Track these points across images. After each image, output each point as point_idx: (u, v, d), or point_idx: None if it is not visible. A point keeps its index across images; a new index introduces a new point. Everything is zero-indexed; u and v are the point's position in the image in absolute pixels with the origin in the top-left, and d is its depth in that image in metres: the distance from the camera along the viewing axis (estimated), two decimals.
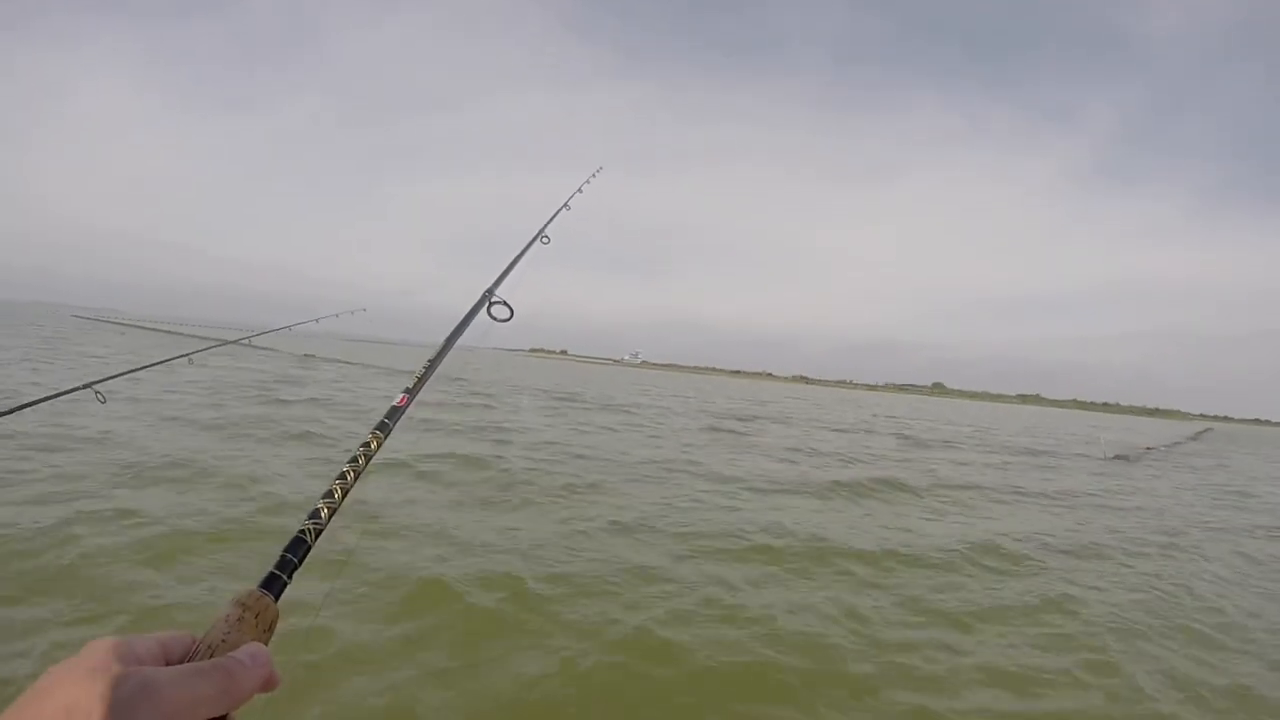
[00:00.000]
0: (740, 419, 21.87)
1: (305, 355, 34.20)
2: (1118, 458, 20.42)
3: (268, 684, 0.53)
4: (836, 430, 21.26)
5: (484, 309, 1.30)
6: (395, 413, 0.96)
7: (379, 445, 0.88)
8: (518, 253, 1.56)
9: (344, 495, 0.76)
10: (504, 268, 1.46)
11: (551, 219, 1.84)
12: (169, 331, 51.00)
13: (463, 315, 1.26)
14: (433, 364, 1.11)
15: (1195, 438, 42.60)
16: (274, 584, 0.62)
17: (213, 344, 4.58)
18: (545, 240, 1.74)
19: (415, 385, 1.04)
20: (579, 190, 2.11)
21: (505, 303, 1.32)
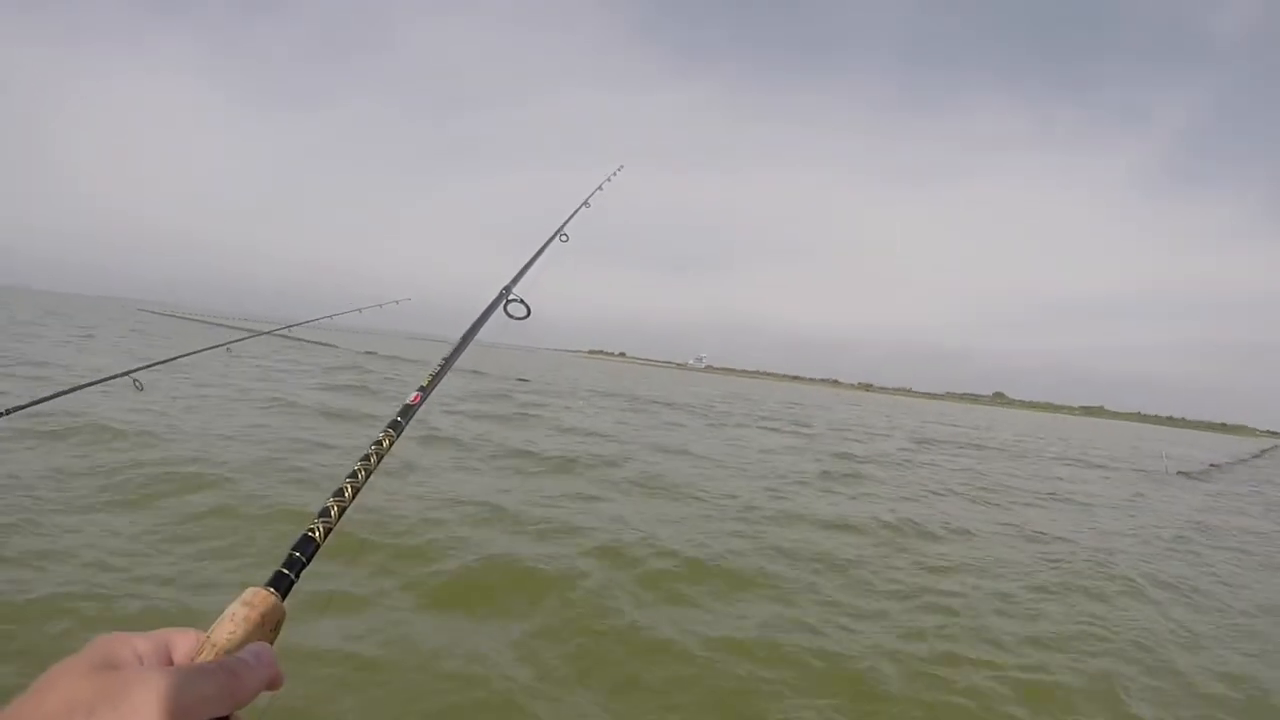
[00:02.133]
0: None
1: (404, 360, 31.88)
2: (1180, 474, 19.89)
3: (272, 683, 0.53)
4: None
5: (501, 307, 1.30)
6: (408, 411, 0.96)
7: (391, 444, 0.87)
8: (535, 251, 1.56)
9: (355, 494, 0.75)
10: (521, 265, 1.46)
11: (571, 216, 1.83)
12: (214, 324, 52.43)
13: (479, 312, 1.26)
14: (448, 361, 1.10)
15: (1261, 454, 40.74)
16: (281, 582, 0.61)
17: (250, 334, 4.67)
18: (564, 238, 1.72)
19: (430, 383, 1.04)
20: (599, 188, 2.09)
21: (522, 300, 1.31)
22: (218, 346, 4.20)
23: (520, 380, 27.57)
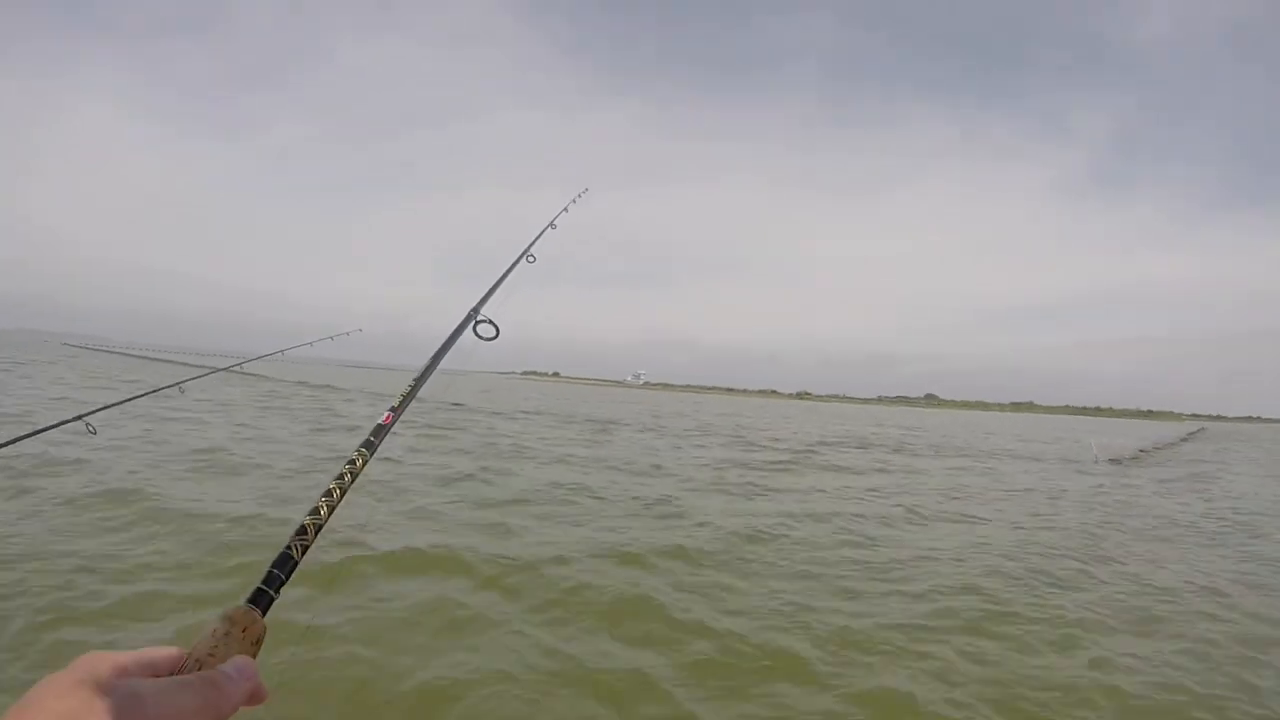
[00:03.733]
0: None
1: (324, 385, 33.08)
2: (1110, 461, 20.41)
3: (254, 697, 0.54)
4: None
5: (470, 328, 1.31)
6: (381, 431, 0.98)
7: (365, 463, 0.89)
8: (503, 272, 1.57)
9: (330, 512, 0.77)
10: (489, 287, 1.47)
11: (537, 238, 1.85)
12: (156, 359, 50.61)
13: (447, 335, 1.27)
14: (418, 383, 1.14)
15: (1187, 438, 42.89)
16: (261, 599, 0.63)
17: (206, 371, 4.57)
18: (531, 259, 1.74)
19: (400, 404, 1.07)
20: (564, 210, 2.12)
21: (491, 321, 1.33)
22: (170, 386, 4.15)
23: (455, 405, 27.40)
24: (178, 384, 4.26)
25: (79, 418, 3.09)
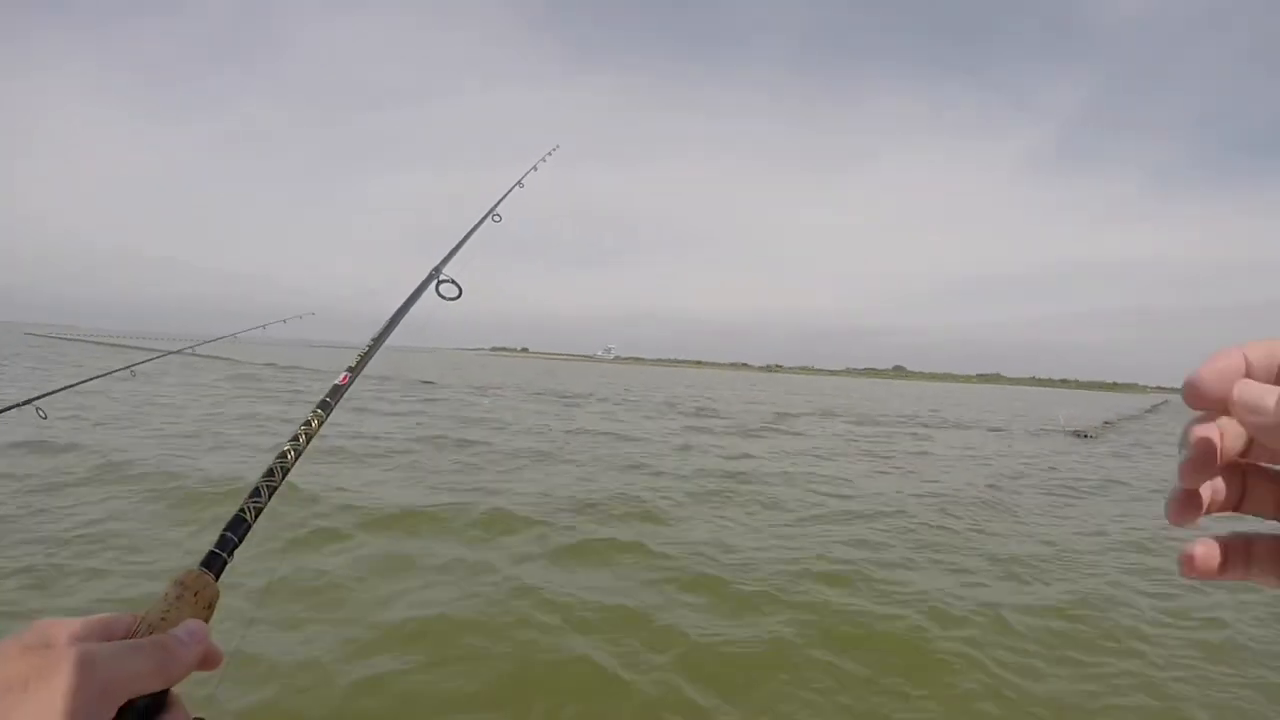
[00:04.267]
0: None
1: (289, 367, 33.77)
2: (1076, 434, 20.86)
3: (207, 660, 0.53)
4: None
5: (432, 287, 1.25)
6: (337, 391, 0.94)
7: (320, 424, 0.87)
8: (467, 231, 1.51)
9: (284, 475, 0.76)
10: (452, 246, 1.41)
11: (504, 196, 1.78)
12: (116, 345, 49.57)
13: (408, 294, 1.21)
14: (377, 341, 1.10)
15: (1153, 410, 44.42)
16: (214, 562, 0.62)
17: (156, 354, 4.46)
18: (497, 218, 1.68)
19: (358, 364, 1.03)
20: (534, 168, 2.05)
21: (454, 281, 1.26)
22: (121, 369, 4.06)
23: (425, 382, 28.12)
24: (128, 367, 4.17)
25: (28, 402, 3.01)
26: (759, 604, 4.71)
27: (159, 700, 0.49)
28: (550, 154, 2.20)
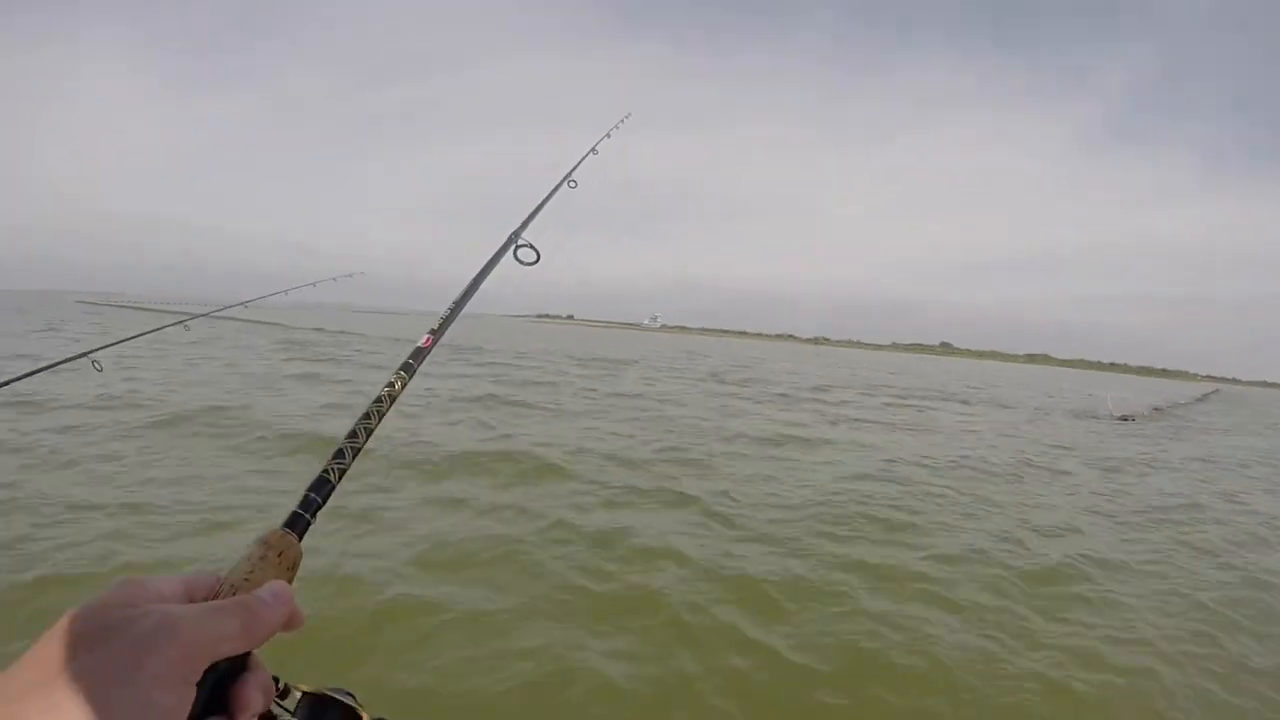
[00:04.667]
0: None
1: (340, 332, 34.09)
2: (1122, 418, 20.24)
3: (290, 622, 0.52)
4: None
5: (510, 252, 1.24)
6: (420, 354, 0.94)
7: (403, 386, 0.87)
8: (544, 196, 1.50)
9: (368, 436, 0.75)
10: (529, 211, 1.39)
11: (579, 163, 1.78)
12: (163, 310, 51.43)
13: (487, 259, 1.20)
14: (458, 305, 1.09)
15: (1202, 399, 42.89)
16: (298, 523, 0.61)
17: (213, 310, 4.54)
18: (573, 184, 1.67)
19: (440, 326, 1.02)
20: (607, 135, 2.06)
21: (532, 245, 1.25)
22: (175, 324, 4.14)
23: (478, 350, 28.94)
24: (181, 321, 4.28)
25: (84, 354, 3.09)
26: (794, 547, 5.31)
27: (240, 662, 0.49)
28: (623, 121, 2.21)
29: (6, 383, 2.71)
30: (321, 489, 0.65)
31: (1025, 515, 6.90)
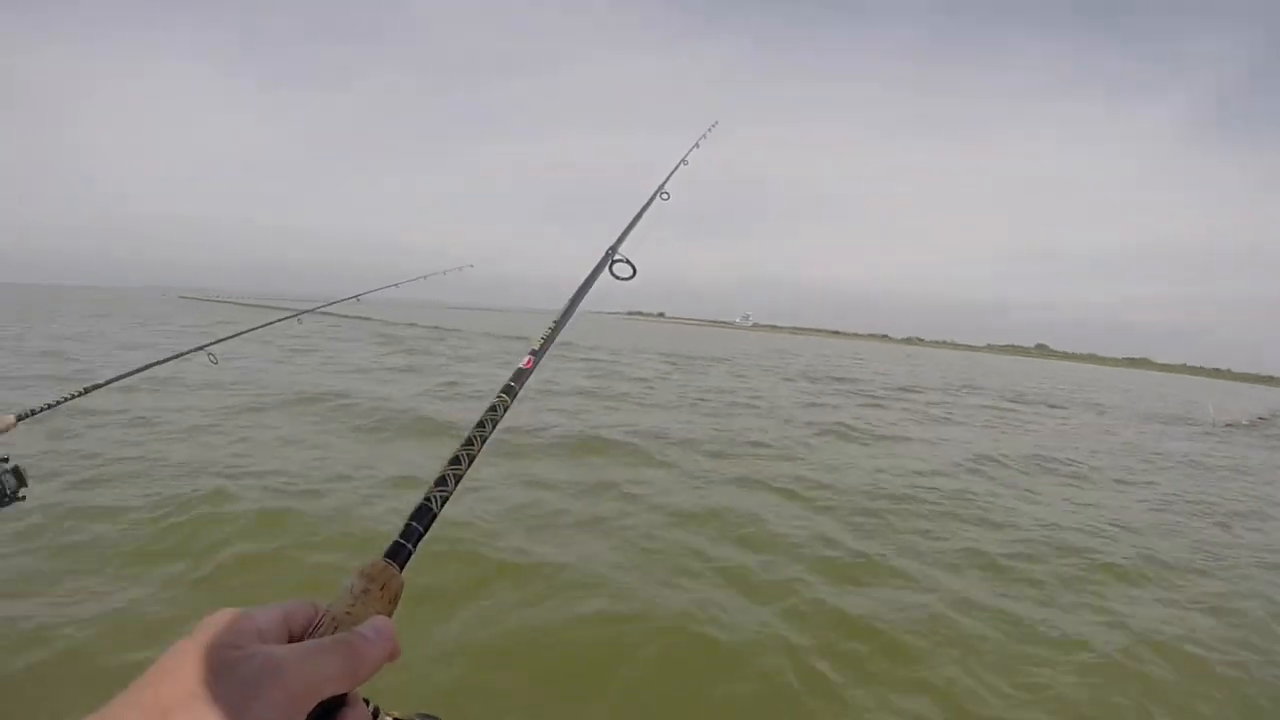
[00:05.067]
0: None
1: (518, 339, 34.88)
2: (1226, 426, 19.20)
3: (391, 656, 0.52)
4: None
5: (607, 269, 1.26)
6: (521, 375, 0.93)
7: (505, 410, 0.85)
8: (637, 210, 1.53)
9: (470, 463, 0.73)
10: (624, 226, 1.43)
11: (670, 175, 1.81)
12: (262, 305, 54.65)
13: (585, 276, 1.23)
14: (558, 325, 1.09)
15: None
16: (399, 553, 0.60)
17: (322, 305, 4.65)
18: (665, 197, 1.69)
19: (541, 347, 1.01)
20: (696, 145, 2.08)
21: (628, 260, 1.27)
22: (289, 317, 4.20)
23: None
24: (296, 315, 4.38)
25: (201, 348, 3.19)
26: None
27: (340, 696, 0.49)
28: (711, 129, 2.22)
29: (144, 368, 2.90)
30: (423, 518, 0.64)
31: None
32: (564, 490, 6.01)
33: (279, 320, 4.11)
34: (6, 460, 1.43)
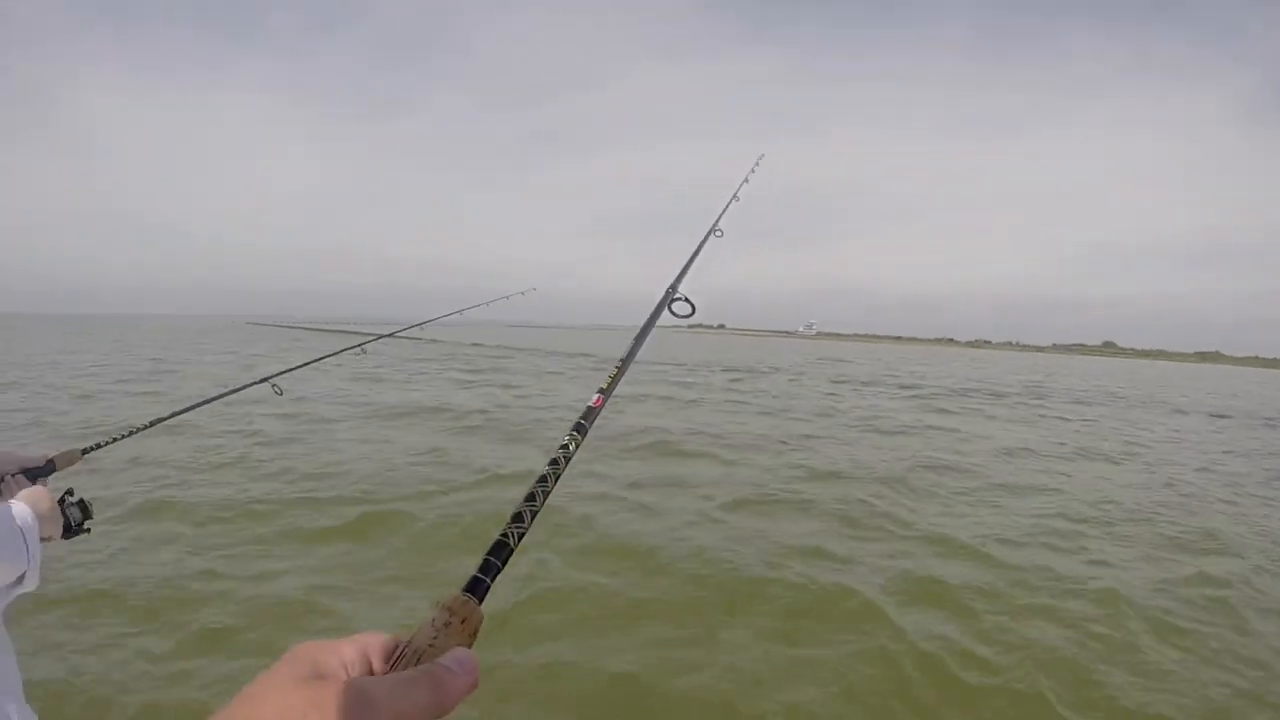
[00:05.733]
0: None
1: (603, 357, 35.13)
2: None
3: (472, 688, 0.52)
4: None
5: (667, 307, 1.34)
6: (591, 413, 0.96)
7: (577, 447, 0.87)
8: (693, 250, 1.62)
9: (545, 498, 0.75)
10: (682, 265, 1.52)
11: (723, 213, 1.87)
12: (322, 330, 55.71)
13: (649, 313, 1.31)
14: (625, 363, 1.13)
15: None
16: (478, 588, 0.62)
17: (390, 332, 4.59)
18: (719, 234, 1.76)
19: (609, 385, 1.05)
20: (745, 180, 2.13)
21: (687, 299, 1.35)
22: (352, 347, 4.07)
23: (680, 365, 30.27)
24: (360, 345, 4.16)
25: (267, 379, 3.10)
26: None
27: None
28: (758, 164, 2.26)
29: (189, 408, 2.78)
30: (500, 553, 0.66)
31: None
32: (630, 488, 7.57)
33: (342, 351, 3.91)
34: (72, 493, 1.56)
